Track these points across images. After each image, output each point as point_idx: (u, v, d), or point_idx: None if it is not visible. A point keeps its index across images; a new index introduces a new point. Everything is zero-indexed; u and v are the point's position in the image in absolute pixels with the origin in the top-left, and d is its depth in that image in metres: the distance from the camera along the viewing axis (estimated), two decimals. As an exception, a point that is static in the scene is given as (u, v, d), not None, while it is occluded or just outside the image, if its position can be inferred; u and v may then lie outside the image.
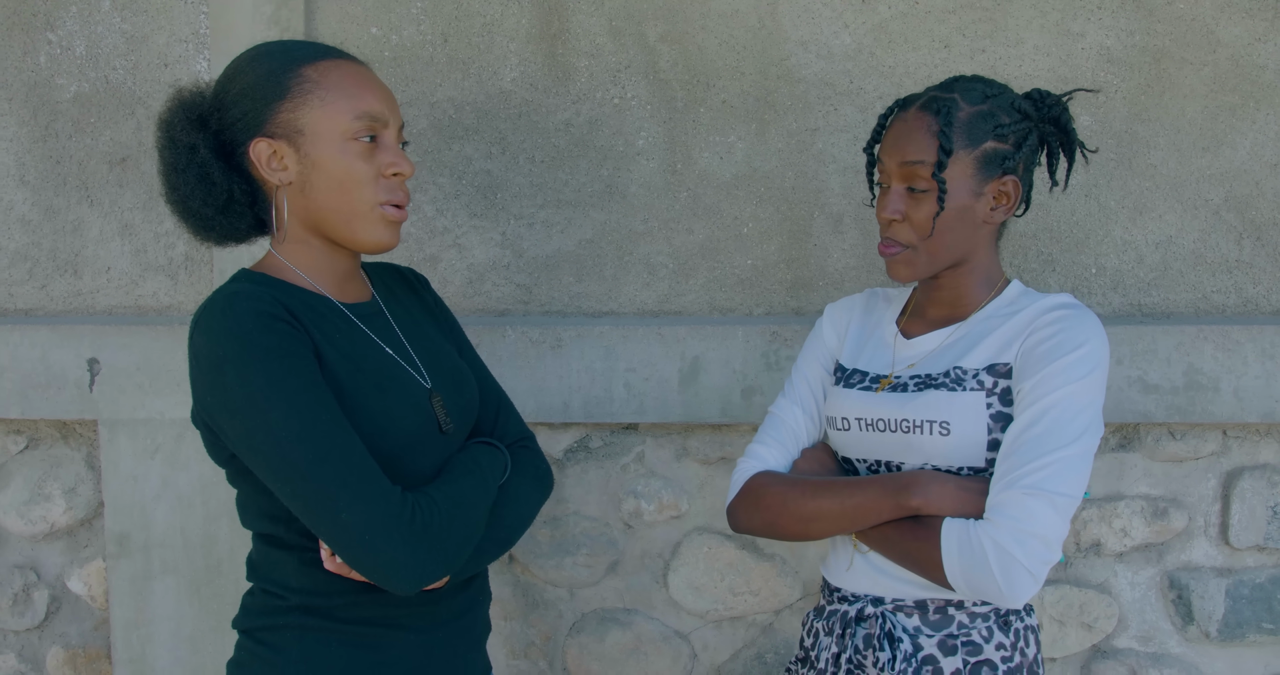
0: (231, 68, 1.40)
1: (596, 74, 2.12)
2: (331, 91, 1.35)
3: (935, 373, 1.46)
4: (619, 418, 2.07)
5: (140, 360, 2.09)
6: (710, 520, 2.14)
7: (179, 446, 2.11)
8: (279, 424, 1.24)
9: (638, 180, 2.13)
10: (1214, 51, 2.07)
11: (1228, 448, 2.09)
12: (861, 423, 1.49)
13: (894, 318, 1.59)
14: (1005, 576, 1.31)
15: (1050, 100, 1.50)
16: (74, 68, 2.17)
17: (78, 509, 2.20)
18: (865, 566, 1.49)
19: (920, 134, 1.43)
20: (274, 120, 1.35)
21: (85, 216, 2.19)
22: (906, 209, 1.45)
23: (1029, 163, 1.48)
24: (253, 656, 1.41)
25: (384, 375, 1.39)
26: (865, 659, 1.46)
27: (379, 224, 1.39)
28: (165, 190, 1.42)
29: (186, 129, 1.37)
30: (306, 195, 1.37)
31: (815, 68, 2.09)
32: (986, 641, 1.43)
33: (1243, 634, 2.11)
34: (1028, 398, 1.37)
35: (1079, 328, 1.40)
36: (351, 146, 1.36)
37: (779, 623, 2.16)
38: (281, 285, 1.38)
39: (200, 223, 1.41)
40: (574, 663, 2.18)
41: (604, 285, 2.15)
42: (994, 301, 1.50)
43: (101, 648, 2.25)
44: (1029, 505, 1.31)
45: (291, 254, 1.42)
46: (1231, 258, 2.10)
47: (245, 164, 1.38)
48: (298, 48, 1.39)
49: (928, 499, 1.38)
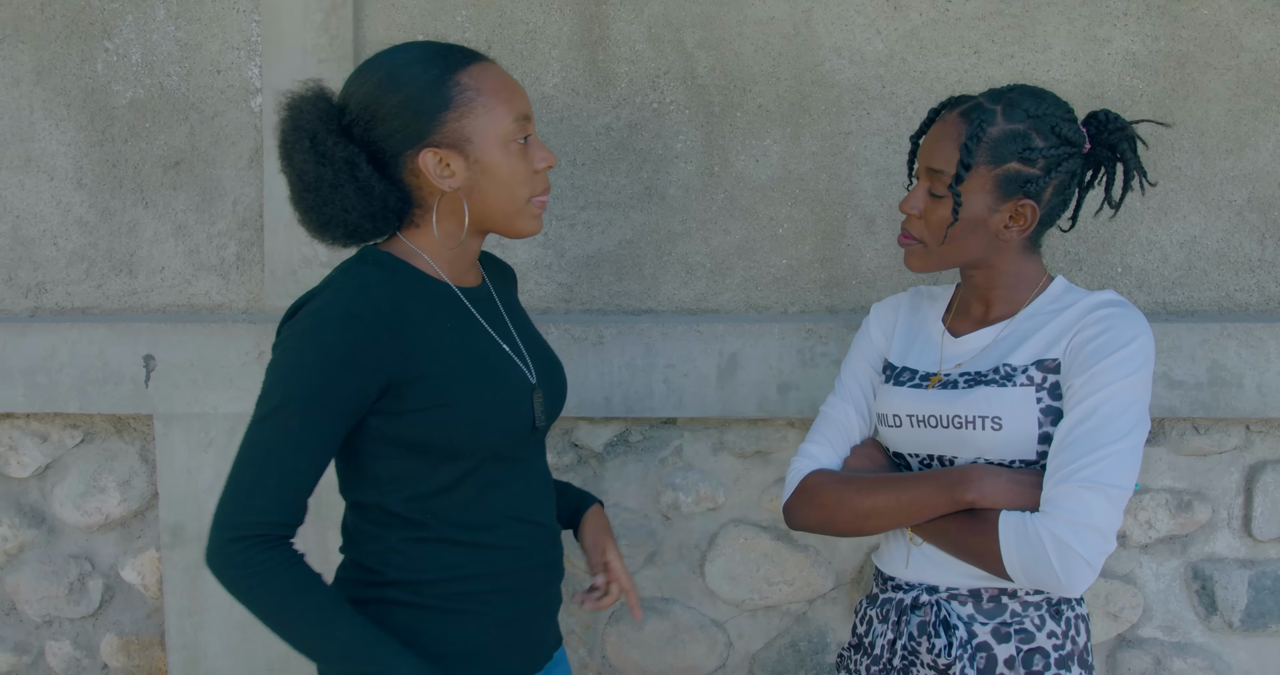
0: (377, 78, 1.41)
1: (636, 79, 2.18)
2: (490, 97, 1.41)
3: (984, 369, 1.50)
4: (658, 412, 2.13)
5: (194, 357, 2.17)
6: (746, 512, 2.20)
7: (231, 440, 2.18)
8: (267, 399, 1.34)
9: (676, 182, 2.20)
10: (1237, 56, 2.12)
11: (1250, 442, 2.15)
12: (914, 420, 1.54)
13: (939, 316, 1.63)
14: (1064, 568, 1.36)
15: (1113, 125, 1.51)
16: (130, 74, 2.25)
17: (131, 501, 2.27)
18: (919, 557, 1.54)
19: (948, 142, 1.47)
20: (440, 131, 1.39)
21: (140, 218, 2.27)
22: (924, 208, 1.51)
23: (1064, 187, 1.49)
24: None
25: (491, 367, 1.46)
26: (920, 646, 1.50)
27: (535, 217, 1.48)
28: (310, 204, 1.42)
29: (339, 143, 1.39)
30: (473, 197, 1.43)
31: (848, 73, 2.16)
32: (1039, 629, 1.48)
33: (1265, 624, 2.17)
34: (1078, 394, 1.41)
35: (1127, 325, 1.44)
36: (513, 148, 1.42)
37: (812, 612, 2.22)
38: (408, 270, 1.44)
39: (347, 231, 1.44)
40: (613, 651, 2.24)
41: (643, 284, 2.22)
42: (1038, 299, 1.54)
43: (154, 635, 2.32)
44: (1085, 498, 1.36)
45: (422, 241, 1.47)
46: (1254, 257, 2.16)
47: (400, 172, 1.42)
48: (445, 53, 1.42)
49: (983, 493, 1.43)
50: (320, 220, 1.43)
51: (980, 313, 1.58)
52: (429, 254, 1.47)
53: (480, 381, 1.43)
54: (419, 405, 1.38)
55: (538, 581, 1.55)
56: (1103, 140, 1.52)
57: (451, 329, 1.44)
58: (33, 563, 2.31)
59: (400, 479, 1.43)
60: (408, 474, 1.43)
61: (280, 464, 1.32)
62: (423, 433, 1.40)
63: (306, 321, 1.35)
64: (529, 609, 1.54)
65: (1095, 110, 1.54)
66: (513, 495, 1.50)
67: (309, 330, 1.34)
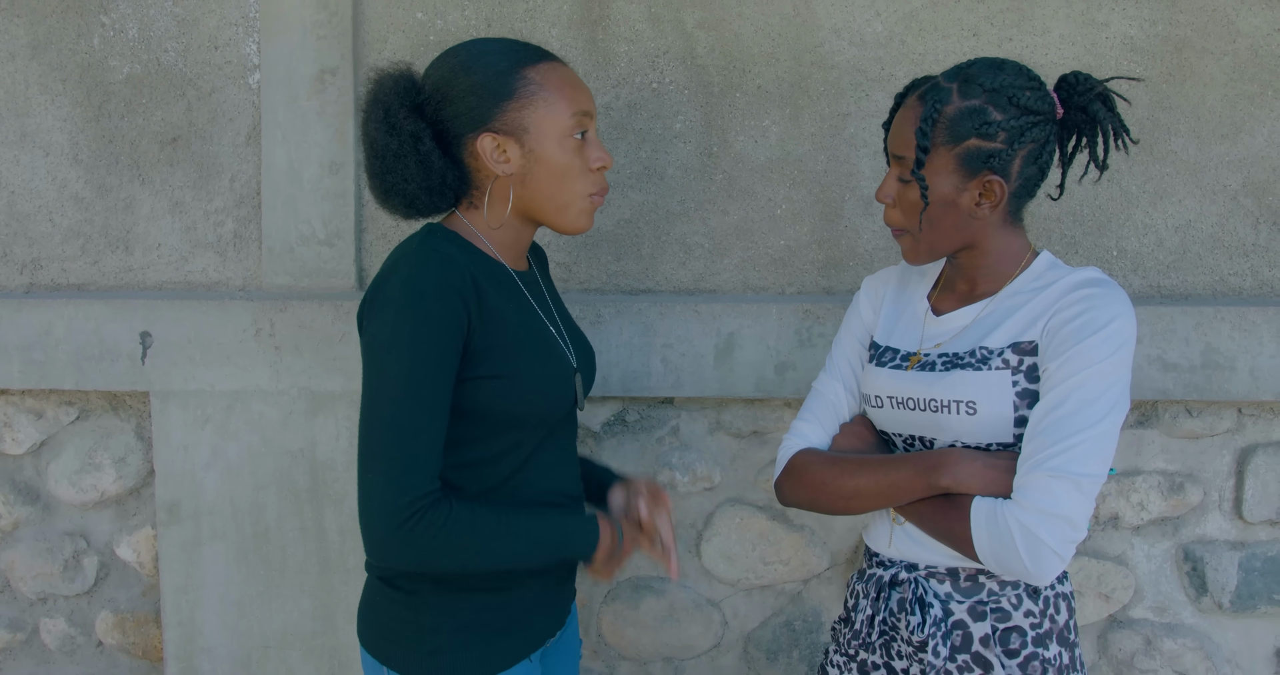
0: (452, 64, 1.51)
1: (635, 59, 2.18)
2: (553, 92, 1.50)
3: (961, 351, 1.49)
4: (656, 392, 2.14)
5: (191, 334, 2.16)
6: (742, 492, 2.21)
7: (228, 417, 2.18)
8: (388, 375, 1.39)
9: (675, 162, 2.20)
10: (1234, 41, 2.13)
11: (1242, 425, 2.17)
12: (893, 401, 1.54)
13: (925, 292, 1.63)
14: (1032, 557, 1.36)
15: (1083, 87, 1.48)
16: (126, 50, 2.24)
17: (127, 478, 2.27)
18: (902, 535, 1.55)
19: (908, 126, 1.46)
20: (501, 118, 1.49)
21: (136, 194, 2.26)
22: (897, 196, 1.50)
23: (1035, 156, 1.45)
24: (388, 600, 1.56)
25: (546, 347, 1.55)
26: (899, 622, 1.52)
27: (584, 213, 1.56)
28: (377, 170, 1.53)
29: (410, 117, 1.49)
30: (525, 185, 1.52)
31: (848, 55, 2.16)
32: (1015, 609, 1.48)
33: (1254, 605, 2.19)
34: (1054, 378, 1.40)
35: (1104, 306, 1.41)
36: (568, 143, 1.51)
37: (807, 591, 2.24)
38: (471, 249, 1.53)
39: (405, 201, 1.53)
40: (609, 629, 2.25)
41: (641, 264, 2.22)
42: (1021, 277, 1.51)
43: (149, 612, 2.32)
44: (1053, 487, 1.35)
45: (481, 224, 1.56)
46: (1249, 242, 2.18)
47: (461, 153, 1.52)
48: (519, 50, 1.52)
49: (957, 479, 1.43)
50: (383, 187, 1.53)
51: (965, 290, 1.56)
52: (485, 235, 1.56)
53: (538, 357, 1.53)
54: (488, 373, 1.46)
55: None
56: (1075, 103, 1.49)
57: (512, 309, 1.52)
58: (27, 540, 2.31)
59: (452, 445, 1.48)
60: (460, 439, 1.49)
61: (424, 435, 1.39)
62: (487, 400, 1.47)
63: (404, 295, 1.40)
64: (559, 577, 1.64)
65: (1065, 73, 1.50)
66: (548, 467, 1.59)
67: (411, 303, 1.40)
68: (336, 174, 2.19)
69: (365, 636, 1.61)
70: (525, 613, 1.59)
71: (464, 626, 1.54)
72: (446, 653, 1.53)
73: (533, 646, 1.61)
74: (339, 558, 2.20)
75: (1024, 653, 1.47)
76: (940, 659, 1.47)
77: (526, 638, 1.60)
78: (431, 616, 1.53)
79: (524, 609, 1.58)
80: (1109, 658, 2.23)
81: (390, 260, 1.49)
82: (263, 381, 2.16)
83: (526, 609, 1.59)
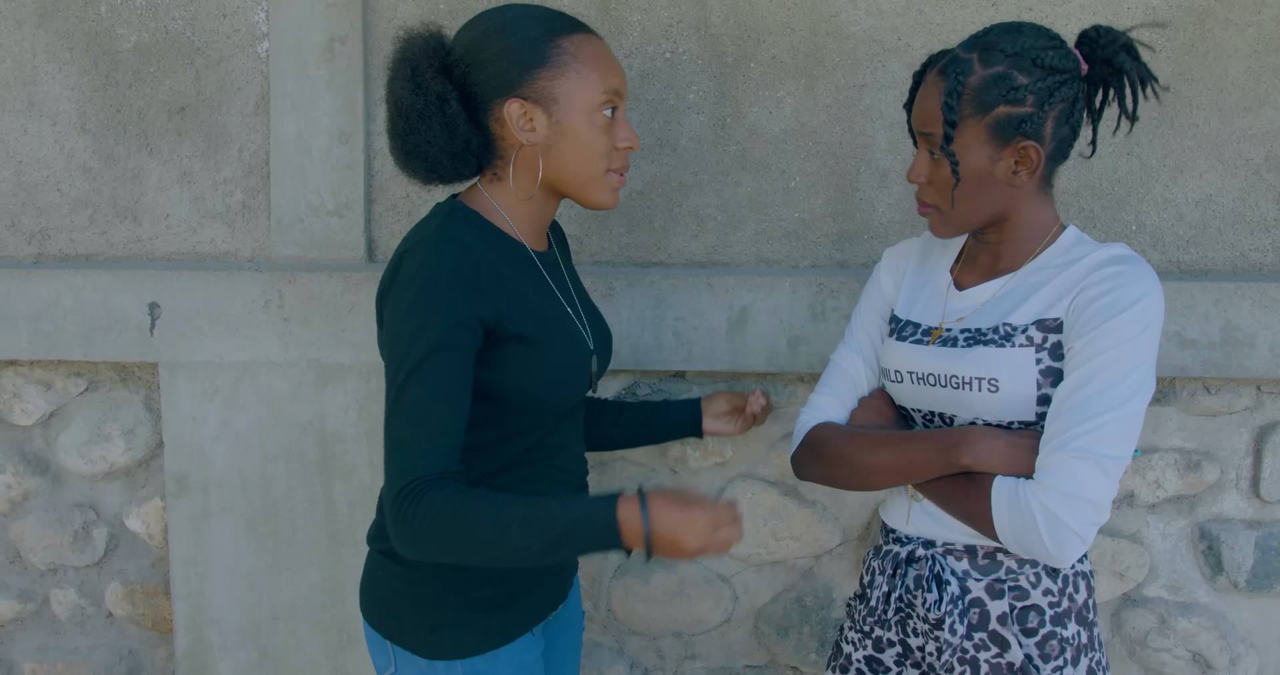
0: (485, 27, 1.48)
1: (649, 28, 2.15)
2: (586, 65, 1.47)
3: (984, 327, 1.46)
4: (667, 365, 2.12)
5: (200, 305, 2.15)
6: (753, 467, 2.19)
7: (237, 389, 2.17)
8: (409, 359, 1.36)
9: (688, 133, 2.17)
10: (1259, 12, 2.09)
11: (1261, 403, 2.14)
12: (914, 376, 1.52)
13: (949, 265, 1.60)
14: (1054, 539, 1.34)
15: (1105, 40, 1.43)
16: (134, 18, 2.21)
17: (136, 450, 2.26)
18: (920, 512, 1.53)
19: (932, 102, 1.43)
20: (531, 85, 1.46)
21: (145, 164, 2.24)
22: (929, 173, 1.47)
23: (1067, 116, 1.42)
24: (389, 574, 1.56)
25: (563, 330, 1.53)
26: (915, 598, 1.50)
27: (607, 189, 1.54)
28: (399, 131, 1.49)
29: (437, 78, 1.46)
30: (550, 156, 1.49)
31: (864, 24, 2.12)
32: (1034, 587, 1.47)
33: (1270, 585, 2.17)
34: (1079, 357, 1.37)
35: (1133, 284, 1.38)
36: (597, 118, 1.48)
37: (819, 567, 2.22)
38: (491, 230, 1.50)
39: (427, 165, 1.50)
40: (619, 604, 2.24)
41: (653, 236, 2.20)
42: (1047, 252, 1.48)
43: (159, 584, 2.32)
44: (1077, 469, 1.32)
45: (503, 198, 1.53)
46: (1270, 217, 2.14)
47: (486, 118, 1.49)
48: (554, 18, 1.49)
49: (978, 458, 1.41)
50: (405, 149, 1.50)
51: (988, 263, 1.53)
52: (507, 211, 1.53)
53: (557, 340, 1.51)
54: (509, 355, 1.44)
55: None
56: (1099, 57, 1.44)
57: (532, 292, 1.50)
58: (37, 511, 2.30)
59: (468, 425, 1.47)
60: (474, 421, 1.47)
61: (431, 421, 1.35)
62: (506, 383, 1.46)
63: (418, 281, 1.38)
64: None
65: (1085, 28, 1.46)
66: (555, 446, 1.58)
67: (425, 290, 1.38)
68: (346, 144, 2.17)
69: (368, 610, 1.60)
70: (527, 587, 1.58)
71: (465, 601, 1.53)
72: (448, 627, 1.53)
73: (535, 620, 1.60)
74: (348, 530, 2.19)
75: (1042, 631, 1.46)
76: (957, 637, 1.45)
77: (528, 611, 1.59)
78: (432, 591, 1.52)
79: (525, 583, 1.57)
80: (1122, 636, 2.21)
81: (406, 242, 1.47)
82: (271, 353, 2.15)
83: (528, 583, 1.58)
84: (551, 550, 1.31)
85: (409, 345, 1.37)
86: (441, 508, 1.30)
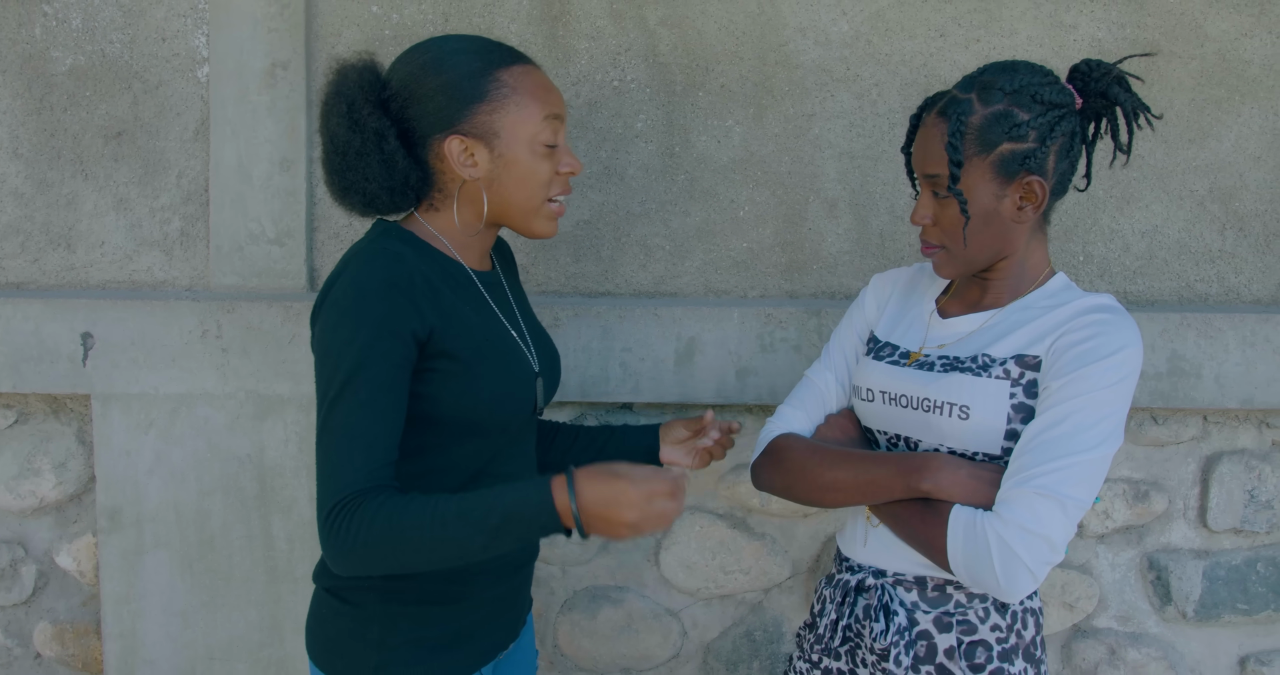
0: (422, 60, 1.45)
1: (596, 56, 2.13)
2: (525, 95, 1.45)
3: (963, 356, 1.46)
4: (614, 397, 2.09)
5: (135, 335, 2.09)
6: (702, 500, 2.16)
7: (173, 421, 2.11)
8: (329, 378, 1.34)
9: (636, 162, 2.15)
10: (1201, 46, 2.11)
11: (1208, 433, 2.15)
12: (885, 396, 1.51)
13: (935, 295, 1.60)
14: (1005, 572, 1.33)
15: (1098, 72, 1.45)
16: (69, 40, 2.16)
17: (67, 484, 2.19)
18: (876, 539, 1.52)
19: (935, 144, 1.43)
20: (471, 121, 1.43)
21: (79, 190, 2.18)
22: (935, 214, 1.46)
23: (1066, 149, 1.44)
24: (334, 613, 1.51)
25: (505, 352, 1.49)
26: (864, 628, 1.49)
27: (548, 218, 1.52)
28: (336, 166, 1.46)
29: (374, 113, 1.43)
30: (491, 189, 1.47)
31: (813, 54, 2.12)
32: (982, 622, 1.46)
33: (1218, 614, 2.17)
34: (1054, 397, 1.36)
35: (1115, 333, 1.38)
36: (538, 149, 1.46)
37: (768, 601, 2.19)
38: (428, 248, 1.47)
39: (364, 200, 1.47)
40: (565, 639, 2.20)
41: (601, 266, 2.17)
42: (1035, 292, 1.49)
43: (90, 623, 2.24)
44: (1038, 506, 1.32)
45: (441, 226, 1.50)
46: (1215, 248, 2.16)
47: (425, 153, 1.46)
48: (491, 50, 1.47)
49: (938, 484, 1.39)
50: (342, 184, 1.47)
51: (975, 297, 1.53)
52: (446, 238, 1.51)
53: (495, 359, 1.47)
54: (445, 378, 1.41)
55: (520, 560, 1.60)
56: (1093, 90, 1.46)
57: (469, 311, 1.47)
58: (-37, 547, 2.23)
59: (410, 453, 1.44)
60: (419, 447, 1.44)
61: (363, 438, 1.32)
62: (445, 401, 1.42)
63: (348, 296, 1.36)
64: (513, 587, 1.59)
65: (1076, 63, 1.49)
66: (503, 474, 1.53)
67: (354, 304, 1.35)
68: (288, 171, 2.13)
69: (312, 649, 1.56)
70: (476, 625, 1.54)
71: (411, 640, 1.49)
72: (394, 667, 1.48)
73: (484, 659, 1.56)
74: (287, 566, 2.13)
75: (989, 667, 1.44)
76: (902, 668, 1.44)
77: (477, 650, 1.55)
78: (377, 629, 1.47)
79: (475, 621, 1.53)
80: (1073, 667, 2.20)
81: (341, 261, 1.45)
82: (209, 384, 2.09)
83: (478, 621, 1.54)
84: (493, 541, 1.28)
85: (338, 360, 1.33)
86: (374, 516, 1.27)
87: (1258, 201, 2.15)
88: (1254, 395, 2.07)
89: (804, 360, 2.06)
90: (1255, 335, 2.06)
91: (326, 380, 1.35)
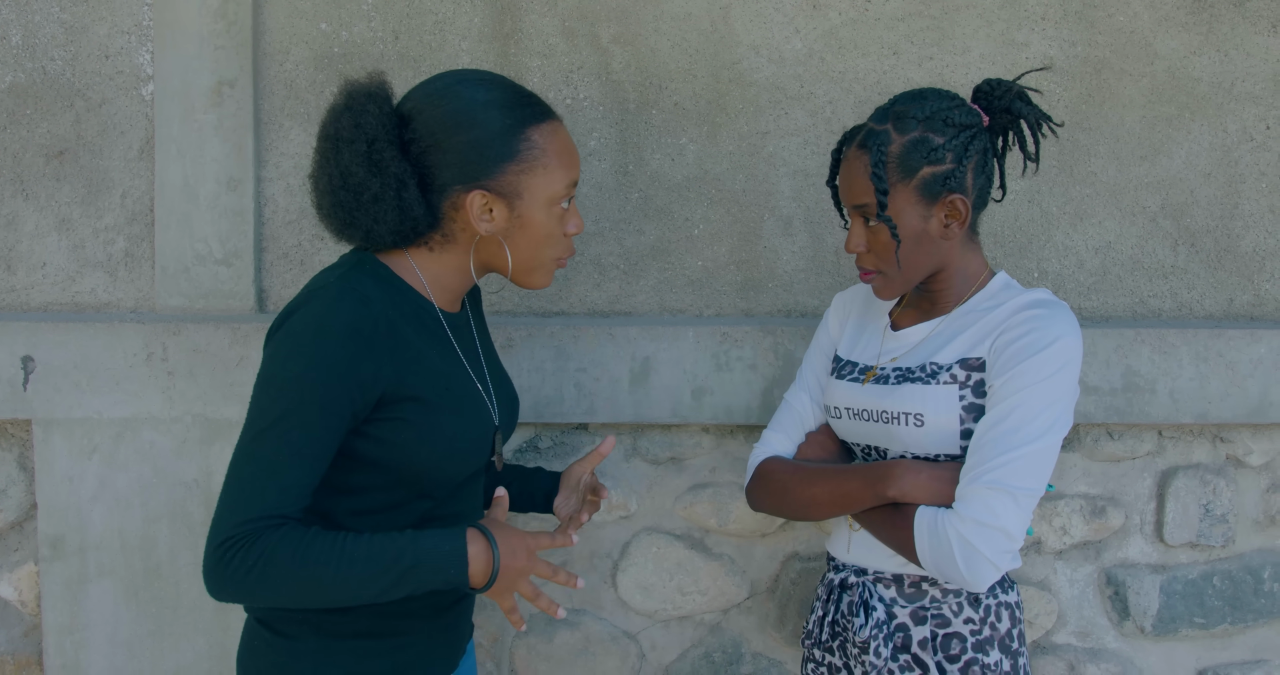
0: (450, 109, 1.40)
1: (549, 74, 2.11)
2: (553, 158, 1.44)
3: (913, 366, 1.56)
4: (569, 418, 2.06)
5: (78, 358, 2.04)
6: (659, 520, 2.14)
7: (117, 446, 2.06)
8: (264, 408, 1.32)
9: (589, 181, 2.13)
10: (1151, 64, 2.13)
11: (1163, 448, 2.15)
12: (850, 412, 1.62)
13: (889, 309, 1.69)
14: (968, 565, 1.42)
15: (1000, 90, 1.54)
16: (9, 57, 2.11)
17: (8, 511, 2.14)
18: (859, 541, 1.62)
19: (859, 176, 1.51)
20: (499, 179, 1.41)
21: (20, 211, 2.13)
22: (868, 241, 1.55)
23: (982, 165, 1.53)
24: (267, 645, 1.46)
25: (464, 398, 1.47)
26: (849, 623, 1.60)
27: (550, 274, 1.52)
28: (345, 204, 1.41)
29: (397, 158, 1.38)
30: (504, 245, 1.45)
31: (766, 72, 2.11)
32: (956, 615, 1.56)
33: (1176, 628, 2.17)
34: (997, 394, 1.46)
35: (1049, 327, 1.46)
36: (554, 210, 1.45)
37: (726, 622, 2.17)
38: (402, 287, 1.44)
39: (364, 236, 1.42)
40: (522, 664, 2.17)
41: (554, 285, 2.14)
42: (976, 296, 1.58)
43: (32, 654, 2.18)
44: (990, 500, 1.41)
45: (425, 264, 1.47)
46: (1167, 263, 2.17)
47: (440, 201, 1.42)
48: (523, 105, 1.43)
49: (902, 490, 1.49)
50: (345, 221, 1.42)
51: (925, 307, 1.62)
52: (427, 277, 1.47)
53: (455, 408, 1.44)
54: (401, 426, 1.38)
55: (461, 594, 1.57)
56: (997, 107, 1.54)
57: (435, 356, 1.44)
58: (-101, 578, 2.16)
59: (355, 491, 1.42)
60: (363, 487, 1.42)
61: (280, 475, 1.29)
62: (400, 448, 1.39)
63: (307, 332, 1.32)
64: (452, 620, 1.57)
65: (978, 83, 1.57)
66: (453, 516, 1.51)
67: (311, 342, 1.31)
68: (235, 191, 2.09)
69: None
70: (414, 660, 1.50)
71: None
72: None
73: None
74: (236, 594, 2.08)
75: (964, 657, 1.54)
76: (881, 659, 1.55)
77: None
78: (310, 664, 1.43)
79: (412, 655, 1.50)
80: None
81: (307, 290, 1.40)
82: (154, 408, 2.05)
83: (415, 655, 1.50)
84: (396, 586, 1.30)
85: (278, 393, 1.30)
86: (277, 547, 1.26)
87: (1209, 217, 2.16)
88: (1208, 410, 2.08)
89: (760, 379, 2.05)
90: (1208, 350, 2.07)
91: (261, 410, 1.31)
